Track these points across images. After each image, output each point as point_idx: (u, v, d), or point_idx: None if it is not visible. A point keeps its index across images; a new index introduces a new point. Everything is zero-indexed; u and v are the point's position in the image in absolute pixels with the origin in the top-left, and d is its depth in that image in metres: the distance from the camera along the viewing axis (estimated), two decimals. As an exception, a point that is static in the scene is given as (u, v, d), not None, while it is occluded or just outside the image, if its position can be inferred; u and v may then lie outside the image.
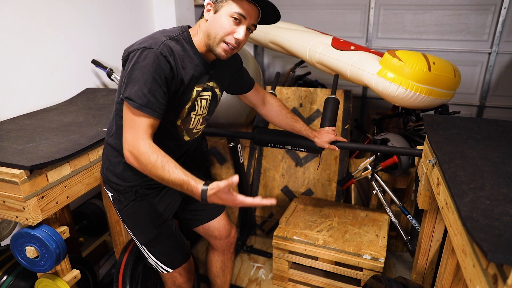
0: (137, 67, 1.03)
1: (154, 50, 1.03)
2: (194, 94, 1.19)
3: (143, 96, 1.02)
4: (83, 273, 1.59)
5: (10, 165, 1.12)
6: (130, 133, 1.04)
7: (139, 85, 1.02)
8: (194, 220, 1.52)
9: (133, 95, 1.02)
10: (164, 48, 1.05)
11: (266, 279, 2.10)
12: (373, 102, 3.27)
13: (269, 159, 2.50)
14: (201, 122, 1.31)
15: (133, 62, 1.04)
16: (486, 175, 0.94)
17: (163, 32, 1.13)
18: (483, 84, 2.88)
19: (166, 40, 1.08)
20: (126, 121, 1.06)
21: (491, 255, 0.63)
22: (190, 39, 1.15)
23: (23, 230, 1.19)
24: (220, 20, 1.09)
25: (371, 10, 2.97)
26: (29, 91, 1.80)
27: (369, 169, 2.02)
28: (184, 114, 1.20)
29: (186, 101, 1.18)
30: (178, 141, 1.27)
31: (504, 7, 2.62)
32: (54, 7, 1.88)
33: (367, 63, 1.87)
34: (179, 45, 1.12)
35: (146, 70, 1.02)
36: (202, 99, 1.24)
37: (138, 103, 1.02)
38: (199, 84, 1.19)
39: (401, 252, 2.32)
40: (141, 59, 1.03)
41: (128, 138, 1.05)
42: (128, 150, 1.04)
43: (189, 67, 1.13)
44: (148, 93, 1.02)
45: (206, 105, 1.28)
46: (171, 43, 1.08)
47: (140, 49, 1.04)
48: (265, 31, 2.53)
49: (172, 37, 1.11)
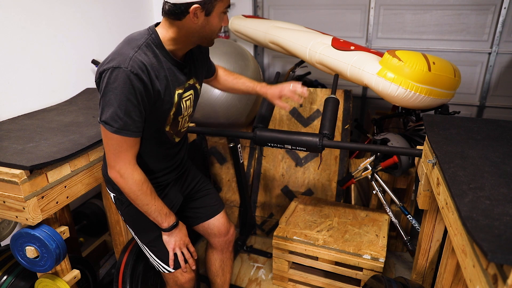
0: (109, 89, 1.01)
1: (124, 69, 0.99)
2: (176, 99, 1.17)
3: (119, 119, 1.01)
4: (83, 273, 1.59)
5: (10, 165, 1.12)
6: (117, 157, 1.07)
7: (113, 108, 1.01)
8: (194, 218, 1.53)
9: (109, 119, 1.01)
10: (134, 65, 1.01)
11: (266, 279, 2.10)
12: (373, 102, 3.27)
13: (269, 159, 2.50)
14: (187, 120, 1.31)
15: (105, 84, 1.01)
16: (486, 175, 0.94)
17: (130, 41, 1.08)
18: (483, 84, 2.88)
19: (135, 53, 1.03)
20: (107, 145, 1.07)
21: (491, 255, 0.63)
22: (159, 41, 1.10)
23: (23, 230, 1.19)
24: (215, 20, 1.09)
25: (371, 10, 2.96)
26: (29, 91, 1.80)
27: (369, 169, 2.02)
28: (170, 120, 1.20)
29: (168, 108, 1.16)
30: (169, 145, 1.28)
31: (504, 7, 2.62)
32: (54, 7, 1.88)
33: (367, 63, 1.87)
34: (149, 51, 1.07)
35: (118, 92, 1.00)
36: (186, 100, 1.23)
37: (115, 127, 1.02)
38: (179, 86, 1.17)
39: (401, 252, 2.32)
40: (112, 80, 1.00)
41: (113, 160, 1.08)
42: (119, 172, 1.09)
43: (162, 74, 1.10)
44: (124, 115, 1.01)
45: (190, 104, 1.27)
46: (140, 54, 1.04)
47: (110, 69, 1.01)
48: (265, 31, 2.52)
49: (140, 46, 1.06)
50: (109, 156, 1.08)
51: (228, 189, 2.55)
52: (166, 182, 1.35)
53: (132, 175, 1.10)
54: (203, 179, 1.57)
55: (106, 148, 1.08)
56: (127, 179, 1.09)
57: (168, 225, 1.23)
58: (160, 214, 1.20)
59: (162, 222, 1.21)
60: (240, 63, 2.13)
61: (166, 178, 1.34)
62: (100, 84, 1.05)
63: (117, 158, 1.07)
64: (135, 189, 1.11)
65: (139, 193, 1.12)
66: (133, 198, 1.14)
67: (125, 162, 1.08)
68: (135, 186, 1.11)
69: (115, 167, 1.09)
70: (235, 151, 2.27)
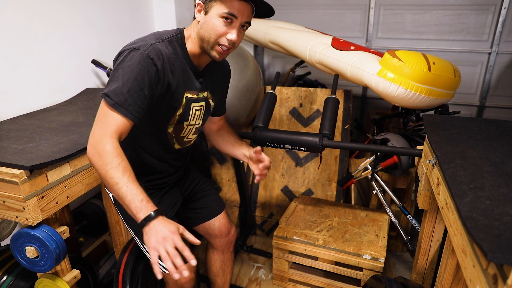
0: (121, 66, 1.01)
1: (142, 52, 1.01)
2: (184, 101, 1.16)
3: (121, 94, 0.99)
4: (83, 273, 1.59)
5: (10, 165, 1.12)
6: (100, 129, 0.99)
7: (118, 84, 1.00)
8: (194, 219, 1.53)
9: (111, 93, 0.99)
10: (152, 50, 1.03)
11: (266, 279, 2.10)
12: (373, 102, 3.27)
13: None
14: (193, 131, 1.29)
15: (119, 62, 1.02)
16: (486, 175, 0.94)
17: (156, 34, 1.11)
18: (483, 84, 2.88)
19: (157, 42, 1.06)
20: (98, 116, 1.02)
21: (491, 255, 0.63)
22: (183, 42, 1.13)
23: (23, 230, 1.19)
24: (211, 22, 1.07)
25: (371, 10, 2.97)
26: (29, 91, 1.80)
27: (369, 169, 2.02)
28: (174, 121, 1.19)
29: (175, 107, 1.15)
30: (168, 148, 1.27)
31: (504, 7, 2.62)
32: (54, 7, 1.88)
33: (367, 63, 1.87)
34: (171, 47, 1.09)
35: (129, 70, 1.00)
36: (196, 109, 1.23)
37: (114, 101, 0.99)
38: (190, 90, 1.17)
39: (401, 252, 2.32)
40: (128, 59, 1.01)
41: (96, 132, 1.00)
42: (92, 144, 0.99)
43: (178, 71, 1.11)
44: (127, 93, 0.99)
45: (200, 116, 1.26)
46: (161, 45, 1.06)
47: (129, 49, 1.03)
48: (265, 31, 2.53)
49: (164, 39, 1.09)
50: (94, 130, 1.01)
51: (228, 189, 2.55)
52: (165, 184, 1.35)
53: (104, 146, 0.97)
54: (203, 180, 1.56)
55: (96, 122, 1.02)
56: (100, 151, 0.97)
57: (144, 215, 0.94)
58: (134, 200, 0.95)
59: (137, 212, 0.95)
60: (240, 63, 2.13)
61: (166, 181, 1.34)
62: (116, 61, 1.05)
63: (100, 131, 0.99)
64: (104, 162, 0.96)
65: (107, 167, 0.96)
66: (102, 175, 0.97)
67: (105, 135, 0.98)
68: (105, 157, 0.96)
69: (93, 141, 0.99)
70: (235, 151, 2.27)
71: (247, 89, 2.16)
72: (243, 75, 2.11)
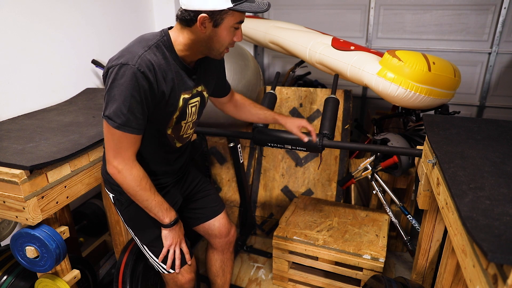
0: (115, 85, 1.01)
1: (131, 66, 1.00)
2: (181, 103, 1.17)
3: (122, 115, 1.02)
4: (83, 273, 1.59)
5: (10, 165, 1.12)
6: (118, 153, 1.07)
7: (117, 104, 1.01)
8: (194, 219, 1.53)
9: (113, 115, 1.02)
10: (142, 63, 1.02)
11: (266, 279, 2.10)
12: (373, 102, 3.27)
13: (269, 159, 2.50)
14: (191, 127, 1.30)
15: (111, 80, 1.02)
16: (486, 175, 0.94)
17: (141, 40, 1.09)
18: (483, 84, 2.88)
19: (144, 52, 1.04)
20: (107, 139, 1.07)
21: (491, 255, 0.63)
22: (170, 43, 1.11)
23: (23, 230, 1.19)
24: (222, 33, 1.07)
25: (371, 10, 2.97)
26: (29, 91, 1.80)
27: (369, 169, 2.02)
28: (172, 123, 1.19)
29: (172, 111, 1.16)
30: (170, 149, 1.28)
31: (504, 7, 2.62)
32: (54, 7, 1.88)
33: (367, 63, 1.87)
34: (159, 53, 1.08)
35: (124, 88, 1.01)
36: (192, 107, 1.23)
37: (118, 122, 1.02)
38: (186, 91, 1.17)
39: (401, 252, 2.32)
40: (119, 76, 1.01)
41: (116, 159, 1.08)
42: (116, 168, 1.08)
43: (170, 76, 1.10)
44: (128, 111, 1.02)
45: (195, 111, 1.27)
46: (149, 54, 1.04)
47: (118, 66, 1.02)
48: (265, 31, 2.53)
49: (151, 46, 1.06)
50: (109, 151, 1.08)
51: (228, 189, 2.56)
52: (165, 184, 1.35)
53: (130, 171, 1.09)
54: (203, 180, 1.56)
55: (107, 143, 1.08)
56: (125, 175, 1.09)
57: (170, 220, 1.22)
58: (161, 209, 1.19)
59: (164, 218, 1.21)
60: (240, 63, 2.13)
61: (166, 181, 1.34)
62: (106, 79, 1.06)
63: (117, 154, 1.07)
64: (133, 185, 1.11)
65: (138, 189, 1.12)
66: (132, 194, 1.13)
67: (124, 158, 1.08)
68: (133, 182, 1.10)
69: (114, 163, 1.08)
70: (235, 151, 2.27)
71: (247, 89, 2.16)
72: (243, 75, 2.11)
